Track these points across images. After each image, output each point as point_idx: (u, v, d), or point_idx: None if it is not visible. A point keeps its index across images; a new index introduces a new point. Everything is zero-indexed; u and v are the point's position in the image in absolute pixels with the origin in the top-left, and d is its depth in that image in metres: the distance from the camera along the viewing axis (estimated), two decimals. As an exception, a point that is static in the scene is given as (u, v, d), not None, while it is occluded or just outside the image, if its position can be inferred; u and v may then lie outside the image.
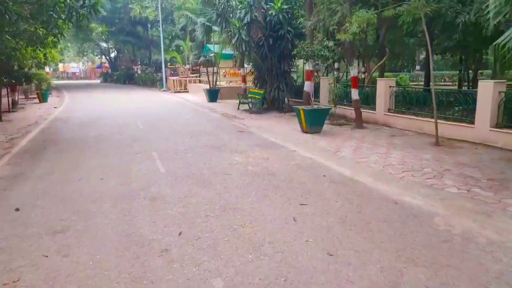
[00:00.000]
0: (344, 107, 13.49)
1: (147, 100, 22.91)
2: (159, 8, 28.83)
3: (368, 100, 12.69)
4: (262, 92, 15.66)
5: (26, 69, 17.68)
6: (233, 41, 15.16)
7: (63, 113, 16.68)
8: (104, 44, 50.43)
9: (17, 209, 4.97)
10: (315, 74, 15.35)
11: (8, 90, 17.51)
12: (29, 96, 23.52)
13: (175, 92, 27.57)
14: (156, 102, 21.10)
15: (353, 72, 11.51)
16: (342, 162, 7.35)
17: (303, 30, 14.50)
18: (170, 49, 32.53)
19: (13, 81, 17.10)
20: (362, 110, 11.57)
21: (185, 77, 28.79)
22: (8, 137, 10.71)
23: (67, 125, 13.06)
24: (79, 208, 5.01)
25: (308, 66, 14.03)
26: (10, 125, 13.02)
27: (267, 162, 7.39)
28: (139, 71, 43.10)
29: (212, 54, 22.86)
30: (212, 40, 20.44)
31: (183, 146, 9.00)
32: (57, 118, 14.83)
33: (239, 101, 17.13)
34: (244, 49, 15.06)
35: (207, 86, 21.43)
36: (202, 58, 21.39)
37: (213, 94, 20.55)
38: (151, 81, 34.89)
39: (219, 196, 5.41)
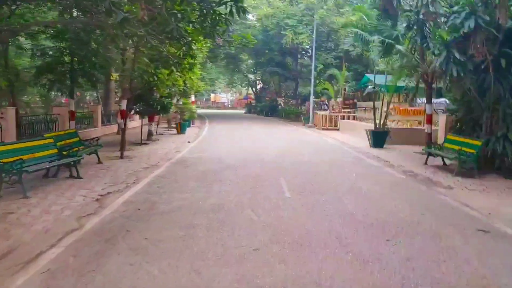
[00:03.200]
0: None
1: (291, 138, 18.74)
2: (314, 33, 25.17)
3: None
4: (479, 143, 9.56)
5: (165, 97, 15.59)
6: (437, 62, 9.67)
7: (192, 151, 13.52)
8: (251, 76, 50.36)
9: None
10: None
11: (142, 119, 15.65)
12: (172, 126, 22.23)
13: (322, 129, 23.02)
14: (303, 143, 16.54)
15: None
16: None
17: None
18: (318, 81, 28.49)
19: (149, 110, 15.13)
20: None
21: (337, 112, 23.98)
22: (104, 190, 7.52)
23: (187, 174, 9.42)
24: None
25: None
26: (127, 166, 10.19)
27: None
28: (282, 103, 40.68)
29: (370, 86, 17.65)
30: (387, 65, 15.21)
31: (385, 278, 3.89)
32: (181, 160, 11.53)
33: (428, 153, 11.37)
34: (455, 74, 9.37)
35: (367, 125, 16.20)
36: (370, 88, 16.28)
37: (379, 137, 15.12)
38: (295, 115, 31.44)
39: None
